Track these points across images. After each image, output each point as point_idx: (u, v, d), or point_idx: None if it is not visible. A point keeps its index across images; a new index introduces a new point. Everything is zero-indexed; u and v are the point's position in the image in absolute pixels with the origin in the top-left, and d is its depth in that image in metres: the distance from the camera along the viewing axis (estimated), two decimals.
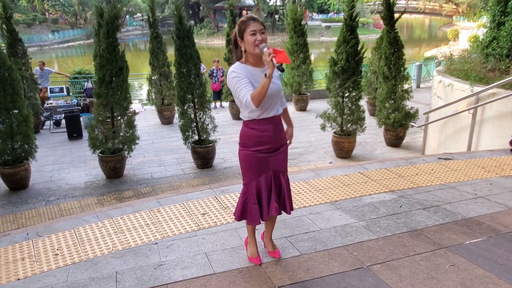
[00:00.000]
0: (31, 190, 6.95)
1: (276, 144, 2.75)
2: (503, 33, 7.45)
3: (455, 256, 2.92)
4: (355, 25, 7.69)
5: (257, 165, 2.72)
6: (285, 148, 2.84)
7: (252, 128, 2.70)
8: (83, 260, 3.08)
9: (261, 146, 2.70)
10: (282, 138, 2.81)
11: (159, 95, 11.19)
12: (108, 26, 6.76)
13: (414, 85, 15.71)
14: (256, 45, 2.55)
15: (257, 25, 2.57)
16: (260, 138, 2.69)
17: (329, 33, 48.80)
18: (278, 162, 2.76)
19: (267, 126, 2.68)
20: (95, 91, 7.00)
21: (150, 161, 8.31)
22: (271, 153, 2.73)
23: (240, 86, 2.55)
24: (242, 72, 2.59)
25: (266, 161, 2.72)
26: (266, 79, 2.46)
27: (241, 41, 2.62)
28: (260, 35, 2.56)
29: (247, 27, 2.56)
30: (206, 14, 52.99)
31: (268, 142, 2.70)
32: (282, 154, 2.79)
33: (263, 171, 2.72)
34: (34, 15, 52.21)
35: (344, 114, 7.99)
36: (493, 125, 6.35)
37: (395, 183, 4.35)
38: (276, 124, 2.73)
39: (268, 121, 2.68)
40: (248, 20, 2.59)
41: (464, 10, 51.56)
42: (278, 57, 2.46)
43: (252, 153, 2.72)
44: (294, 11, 12.10)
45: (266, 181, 2.73)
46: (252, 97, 2.48)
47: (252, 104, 2.49)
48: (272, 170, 2.74)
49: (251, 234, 2.97)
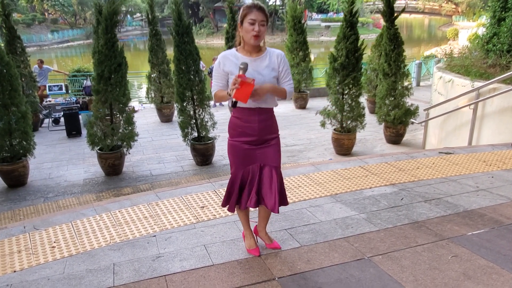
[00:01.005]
0: (30, 187, 6.90)
1: (263, 137, 2.68)
2: (504, 28, 7.42)
3: (457, 247, 2.89)
4: (355, 21, 7.65)
5: (242, 156, 2.68)
6: (275, 142, 2.74)
7: (237, 117, 2.68)
8: (80, 252, 3.04)
9: (245, 137, 2.66)
10: (270, 132, 2.72)
11: (158, 93, 11.15)
12: (106, 22, 6.72)
13: (414, 83, 15.68)
14: (252, 36, 2.52)
15: (259, 15, 2.51)
16: (243, 129, 2.66)
17: (328, 33, 48.79)
18: (266, 155, 2.69)
19: (252, 118, 2.63)
20: (93, 87, 6.95)
21: (149, 158, 8.27)
22: (258, 145, 2.68)
23: (215, 76, 2.69)
24: (224, 62, 2.62)
25: (252, 153, 2.68)
26: (226, 95, 2.56)
27: (240, 25, 2.58)
28: (258, 26, 2.51)
29: (248, 14, 2.53)
30: (206, 14, 52.97)
31: (253, 134, 2.65)
32: (270, 148, 2.70)
33: (248, 163, 2.69)
34: (33, 15, 52.19)
35: (344, 111, 7.94)
36: (494, 120, 6.32)
37: (396, 176, 4.31)
38: (262, 116, 2.65)
39: (252, 112, 2.63)
40: (252, 7, 2.53)
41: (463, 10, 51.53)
42: (238, 92, 2.42)
43: (237, 143, 2.69)
44: (294, 9, 12.07)
45: (251, 173, 2.69)
46: (214, 95, 2.69)
47: (213, 98, 2.70)
48: (260, 164, 2.69)
49: (245, 226, 2.94)
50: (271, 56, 2.64)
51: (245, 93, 2.41)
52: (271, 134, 2.72)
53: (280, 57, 2.66)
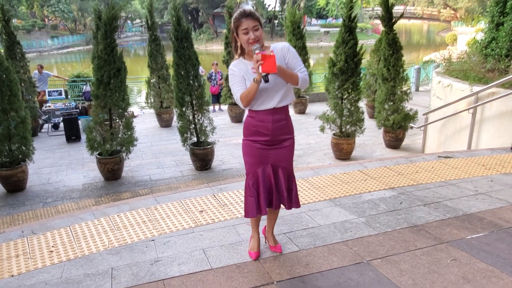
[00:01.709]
0: (28, 192, 6.89)
1: (276, 138, 2.68)
2: (502, 33, 7.45)
3: (456, 251, 2.88)
4: (353, 26, 7.67)
5: (255, 155, 2.68)
6: (289, 143, 2.73)
7: (251, 117, 2.69)
8: (78, 256, 3.03)
9: (258, 136, 2.67)
10: (285, 132, 2.70)
11: (157, 98, 11.16)
12: (106, 27, 6.74)
13: (413, 88, 15.71)
14: (249, 43, 2.53)
15: (249, 22, 2.51)
16: (257, 128, 2.66)
17: (327, 38, 48.96)
18: (279, 156, 2.70)
19: (265, 117, 2.63)
20: (93, 92, 6.96)
21: (148, 163, 8.26)
22: (271, 146, 2.68)
23: (233, 83, 2.63)
24: (238, 69, 2.63)
25: (265, 153, 2.68)
26: (254, 84, 2.50)
27: (236, 36, 2.61)
28: (253, 33, 2.51)
29: (240, 25, 2.53)
30: (205, 19, 53.19)
31: (266, 133, 2.65)
32: (284, 149, 2.71)
33: (261, 162, 2.68)
34: (33, 21, 52.39)
35: (343, 116, 7.95)
36: (493, 124, 6.32)
37: (395, 180, 4.30)
38: (276, 116, 2.64)
39: (266, 112, 2.63)
40: (240, 17, 2.53)
41: (462, 15, 51.77)
42: (264, 65, 2.41)
43: (250, 143, 2.70)
44: (293, 14, 12.10)
45: (264, 174, 2.68)
46: (241, 98, 2.58)
47: (241, 104, 2.59)
48: (271, 164, 2.69)
49: (253, 228, 2.92)
50: (277, 52, 2.60)
51: (271, 64, 2.42)
52: (285, 135, 2.71)
53: (285, 49, 2.63)
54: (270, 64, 2.42)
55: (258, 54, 2.43)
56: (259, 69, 2.41)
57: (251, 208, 2.71)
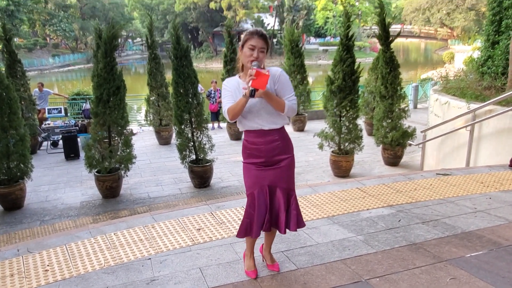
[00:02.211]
0: (26, 210, 6.85)
1: (271, 159, 2.67)
2: (498, 51, 7.54)
3: (455, 269, 2.85)
4: (351, 44, 7.76)
5: (252, 177, 2.68)
6: (286, 163, 2.70)
7: (245, 140, 2.73)
8: (74, 275, 3.00)
9: (253, 158, 2.68)
10: (280, 153, 2.68)
11: (157, 115, 11.21)
12: (106, 46, 6.82)
13: (411, 105, 15.80)
14: (249, 61, 2.56)
15: (259, 41, 2.55)
16: (251, 151, 2.69)
17: (326, 57, 49.48)
18: (275, 176, 2.67)
19: (257, 140, 2.65)
20: (92, 110, 7.00)
21: (147, 181, 8.24)
22: (267, 167, 2.68)
23: (224, 97, 2.66)
24: (230, 85, 2.67)
25: (262, 174, 2.67)
26: (242, 98, 2.52)
27: (241, 49, 2.63)
28: (257, 53, 2.55)
29: (249, 40, 2.57)
30: (205, 38, 53.86)
31: (260, 155, 2.66)
32: (280, 169, 2.68)
33: (257, 183, 2.67)
34: (35, 40, 53.00)
35: (342, 133, 7.98)
36: (491, 142, 6.34)
37: (393, 198, 4.29)
38: (268, 138, 2.64)
39: (257, 134, 2.64)
40: (255, 33, 2.58)
41: (458, 34, 52.39)
42: (255, 81, 2.43)
43: (247, 165, 2.72)
44: (291, 33, 12.25)
45: (260, 196, 2.65)
46: (228, 110, 2.57)
47: (227, 116, 2.58)
48: (269, 185, 2.68)
49: (248, 247, 2.90)
50: (272, 76, 2.61)
51: (262, 81, 2.44)
52: (281, 155, 2.68)
53: (277, 74, 2.62)
54: (261, 82, 2.44)
55: (254, 69, 2.45)
56: (249, 83, 2.43)
57: (242, 229, 2.71)
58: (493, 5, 7.94)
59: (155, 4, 53.69)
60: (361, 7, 58.44)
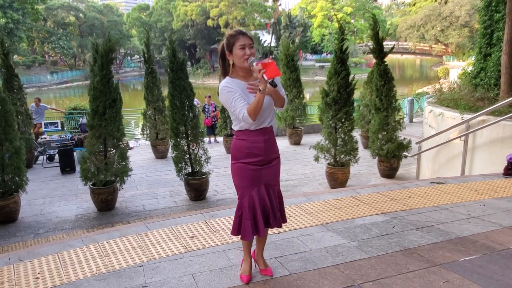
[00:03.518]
0: (20, 224, 6.80)
1: (268, 157, 2.71)
2: (490, 63, 7.64)
3: (449, 273, 2.84)
4: (345, 57, 7.84)
5: (248, 177, 2.68)
6: (277, 162, 2.80)
7: (242, 139, 2.69)
8: (65, 283, 2.97)
9: (252, 158, 2.68)
10: (274, 151, 2.77)
11: (153, 129, 11.23)
12: (102, 59, 6.88)
13: (407, 119, 15.90)
14: (245, 59, 2.58)
15: (246, 39, 2.59)
16: (250, 150, 2.67)
17: (322, 73, 49.89)
18: (270, 175, 2.73)
19: (258, 138, 2.66)
20: (88, 123, 7.01)
21: (142, 194, 8.21)
22: (263, 166, 2.70)
23: (234, 100, 2.57)
24: (234, 86, 2.61)
25: (258, 174, 2.69)
26: (261, 94, 2.48)
27: (229, 54, 2.64)
28: (249, 50, 2.58)
29: (236, 41, 2.59)
30: (202, 55, 54.36)
31: (259, 154, 2.68)
32: (273, 167, 2.75)
33: (254, 184, 2.68)
34: (34, 57, 53.35)
35: (337, 145, 8.00)
36: (485, 151, 6.37)
37: (388, 205, 4.29)
38: (267, 135, 2.69)
39: (259, 132, 2.66)
40: (238, 34, 2.61)
41: (453, 50, 53.08)
42: (268, 72, 2.44)
43: (243, 165, 2.70)
44: (287, 47, 12.39)
45: (259, 195, 2.68)
46: (249, 112, 2.51)
47: (249, 119, 2.52)
48: (264, 184, 2.70)
49: (246, 251, 2.88)
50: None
51: (273, 69, 2.45)
52: (274, 154, 2.77)
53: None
54: (273, 69, 2.45)
55: (258, 64, 2.47)
56: (264, 77, 2.43)
57: (248, 231, 2.67)
58: (484, 18, 8.09)
59: (153, 22, 54.32)
60: (357, 24, 59.27)
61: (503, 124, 5.98)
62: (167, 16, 53.87)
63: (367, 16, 51.57)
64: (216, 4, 48.40)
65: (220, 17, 48.58)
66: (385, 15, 76.74)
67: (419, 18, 52.22)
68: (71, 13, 57.93)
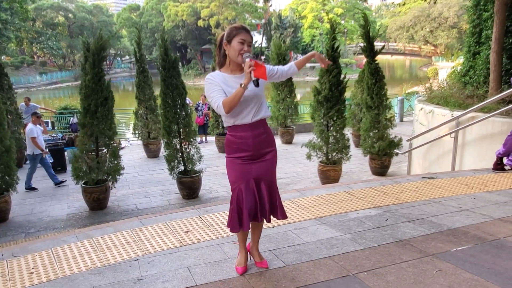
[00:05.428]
0: (11, 223, 6.74)
1: (258, 152, 2.71)
2: (479, 61, 7.75)
3: (442, 263, 2.88)
4: (337, 55, 7.89)
5: (237, 171, 2.70)
6: (271, 156, 2.76)
7: (231, 135, 2.73)
8: (59, 277, 2.95)
9: (240, 153, 2.70)
10: (266, 146, 2.74)
11: (145, 128, 11.19)
12: (94, 56, 6.84)
13: (398, 118, 16.03)
14: (240, 54, 2.60)
15: (248, 36, 2.63)
16: (238, 145, 2.69)
17: (313, 73, 50.02)
18: (261, 170, 2.72)
19: (244, 134, 2.67)
20: (80, 121, 6.97)
21: (135, 193, 8.18)
22: (253, 160, 2.71)
23: (213, 91, 2.62)
24: (216, 79, 2.65)
25: (248, 168, 2.70)
26: (241, 89, 2.51)
27: (226, 44, 2.65)
28: (247, 46, 2.61)
29: (238, 34, 2.61)
30: (193, 55, 54.25)
31: (247, 149, 2.68)
32: (266, 162, 2.73)
33: (244, 178, 2.69)
34: (22, 58, 52.78)
35: (329, 143, 8.04)
36: (474, 147, 6.46)
37: (380, 199, 4.33)
38: (255, 132, 2.69)
39: (245, 128, 2.67)
40: (241, 28, 2.65)
41: (442, 51, 53.73)
42: (256, 71, 2.50)
43: (233, 159, 2.73)
44: (278, 46, 12.43)
45: (247, 189, 2.68)
46: (223, 103, 2.54)
47: (223, 109, 2.54)
48: (254, 178, 2.71)
49: (241, 244, 2.90)
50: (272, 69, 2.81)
51: (262, 72, 2.51)
52: (267, 148, 2.75)
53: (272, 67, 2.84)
54: (262, 72, 2.51)
55: (252, 60, 2.51)
56: (252, 74, 2.47)
57: (234, 223, 2.70)
58: (473, 17, 8.21)
59: (143, 22, 54.09)
60: (347, 25, 59.64)
61: (492, 120, 6.08)
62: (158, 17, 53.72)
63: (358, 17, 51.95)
64: (207, 5, 48.35)
65: (211, 18, 48.54)
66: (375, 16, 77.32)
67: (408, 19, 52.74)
68: (60, 13, 57.45)
